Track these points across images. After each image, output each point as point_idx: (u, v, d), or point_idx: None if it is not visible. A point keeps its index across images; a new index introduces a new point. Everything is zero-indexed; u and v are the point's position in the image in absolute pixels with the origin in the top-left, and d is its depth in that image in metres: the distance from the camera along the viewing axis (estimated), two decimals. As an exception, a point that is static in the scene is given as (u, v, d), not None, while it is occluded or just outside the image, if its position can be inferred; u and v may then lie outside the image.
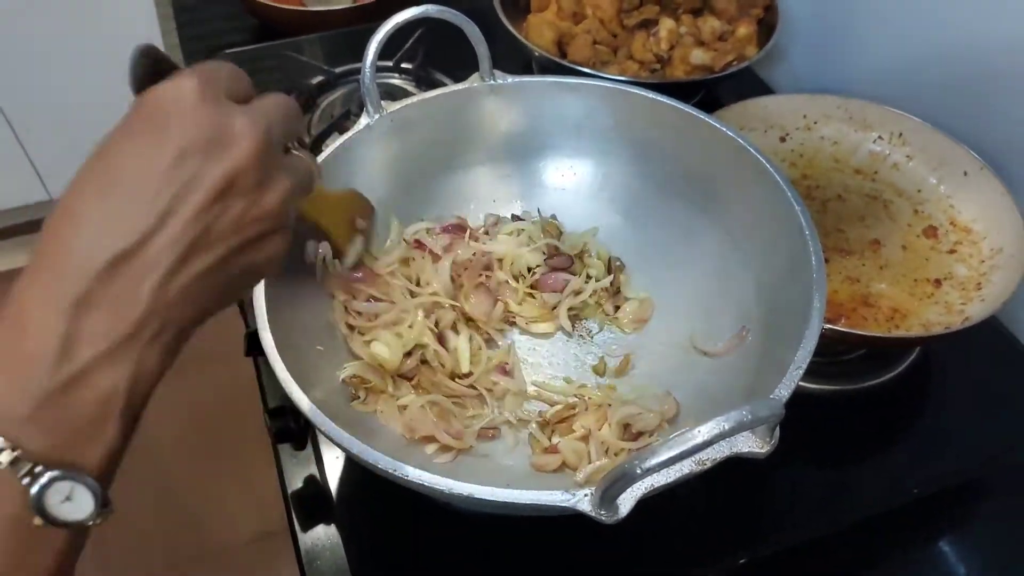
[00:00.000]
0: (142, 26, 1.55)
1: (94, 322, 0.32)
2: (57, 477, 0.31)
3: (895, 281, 0.76)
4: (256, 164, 0.34)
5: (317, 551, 0.63)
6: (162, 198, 0.33)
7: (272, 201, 0.36)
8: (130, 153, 0.34)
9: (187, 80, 0.34)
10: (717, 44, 0.94)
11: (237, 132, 0.34)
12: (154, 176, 0.33)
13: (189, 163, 0.33)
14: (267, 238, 0.37)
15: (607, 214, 0.75)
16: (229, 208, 0.34)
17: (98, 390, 0.32)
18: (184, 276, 0.34)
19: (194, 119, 0.33)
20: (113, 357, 0.32)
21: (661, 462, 0.39)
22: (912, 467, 0.69)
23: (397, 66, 1.03)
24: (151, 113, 0.34)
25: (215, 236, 0.34)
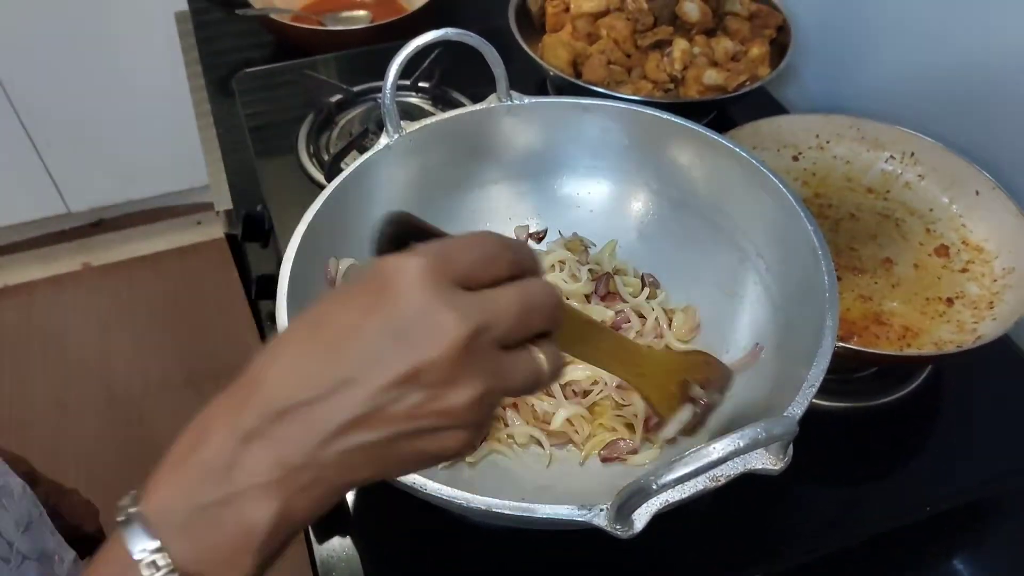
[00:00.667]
0: (164, 43, 1.58)
1: (257, 457, 0.33)
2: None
3: (907, 300, 0.77)
4: (445, 365, 0.33)
5: (333, 563, 0.63)
6: (347, 367, 0.33)
7: (456, 402, 0.34)
8: (341, 313, 0.35)
9: (416, 258, 0.34)
10: (730, 64, 0.95)
11: (439, 325, 0.33)
12: (348, 345, 0.33)
13: (385, 342, 0.33)
14: (443, 433, 0.35)
15: (622, 231, 0.76)
16: (405, 397, 0.33)
17: (245, 519, 0.33)
18: (343, 444, 0.34)
19: (405, 300, 0.33)
20: (264, 492, 0.33)
21: (676, 478, 0.39)
22: (924, 485, 0.69)
23: (415, 85, 1.04)
24: (373, 282, 0.34)
25: (384, 418, 0.34)
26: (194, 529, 0.33)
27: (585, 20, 0.99)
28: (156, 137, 1.94)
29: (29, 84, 1.79)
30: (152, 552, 0.32)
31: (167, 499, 0.34)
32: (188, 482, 0.34)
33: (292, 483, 0.34)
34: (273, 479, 0.33)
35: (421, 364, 0.33)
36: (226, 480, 0.33)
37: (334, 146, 0.97)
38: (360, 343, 0.33)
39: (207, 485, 0.33)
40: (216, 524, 0.33)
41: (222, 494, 0.33)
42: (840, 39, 0.99)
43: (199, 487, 0.33)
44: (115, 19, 1.75)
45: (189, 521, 0.33)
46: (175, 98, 1.60)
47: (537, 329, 0.37)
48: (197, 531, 0.33)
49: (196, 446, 0.34)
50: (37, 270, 2.12)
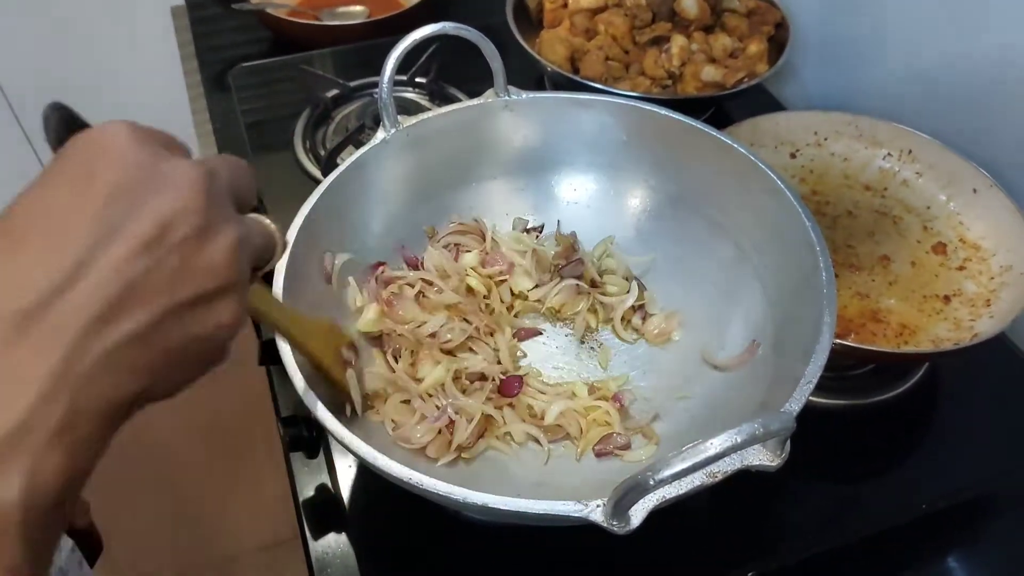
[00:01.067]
0: (160, 39, 1.57)
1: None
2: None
3: (904, 297, 0.76)
4: (193, 208, 0.28)
5: (328, 559, 0.63)
6: (78, 248, 0.26)
7: (217, 252, 0.29)
8: (49, 199, 0.28)
9: (119, 124, 0.30)
10: (728, 61, 0.95)
11: (173, 173, 0.29)
12: (71, 225, 0.27)
13: (113, 208, 0.27)
14: (214, 301, 0.30)
15: (619, 227, 0.75)
16: (161, 260, 0.28)
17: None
18: (102, 343, 0.26)
19: (125, 159, 0.28)
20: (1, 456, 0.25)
21: (673, 474, 0.39)
22: (921, 482, 0.69)
23: (411, 80, 1.04)
24: (75, 157, 0.29)
25: (143, 293, 0.27)
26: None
27: (583, 16, 0.98)
28: (152, 133, 1.94)
29: (25, 81, 1.78)
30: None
31: None
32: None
33: (36, 428, 0.25)
34: (5, 435, 0.25)
35: (168, 215, 0.28)
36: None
37: (330, 141, 0.97)
38: (83, 219, 0.27)
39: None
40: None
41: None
42: (838, 37, 0.99)
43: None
44: (111, 15, 1.75)
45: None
46: (171, 93, 1.60)
47: (248, 198, 0.34)
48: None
49: None
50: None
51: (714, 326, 0.68)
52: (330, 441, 0.69)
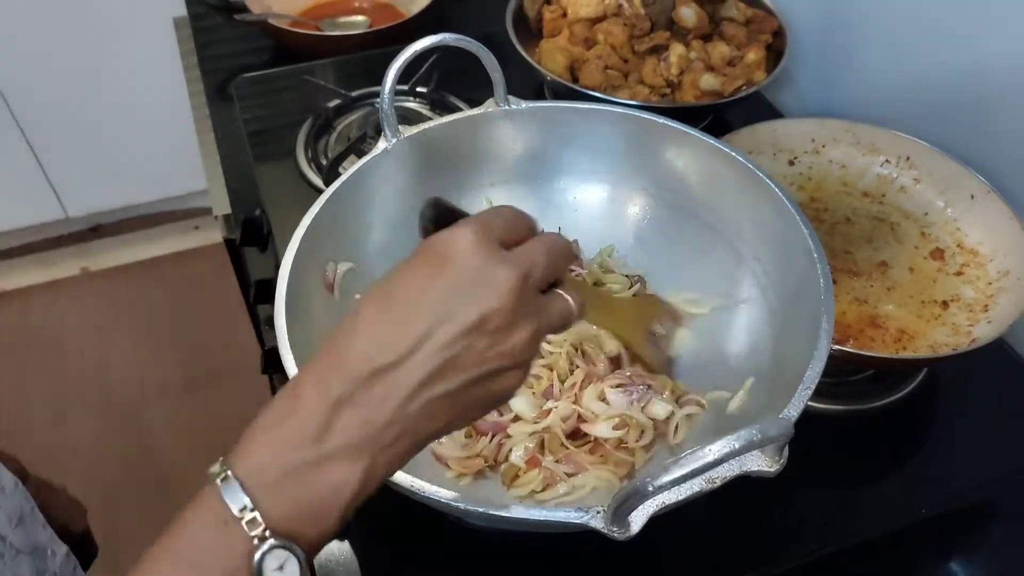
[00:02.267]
0: (162, 49, 1.58)
1: (347, 419, 0.37)
2: (279, 546, 0.35)
3: (902, 303, 0.77)
4: (507, 309, 0.38)
5: (331, 567, 0.63)
6: (421, 327, 0.37)
7: (516, 342, 0.39)
8: (408, 284, 0.39)
9: (466, 229, 0.39)
10: (726, 69, 0.96)
11: (497, 279, 0.38)
12: (420, 307, 0.38)
13: (452, 301, 0.38)
14: (506, 372, 0.40)
15: (619, 234, 0.76)
16: (476, 344, 0.38)
17: (334, 477, 0.37)
18: (424, 397, 0.38)
19: (464, 264, 0.38)
20: (354, 452, 0.37)
21: (672, 480, 0.40)
22: (921, 487, 0.70)
23: (412, 90, 1.05)
24: (431, 255, 0.39)
25: (459, 366, 0.38)
26: (287, 489, 0.36)
27: (582, 25, 0.99)
28: (154, 142, 1.95)
29: (28, 90, 1.79)
30: (249, 510, 0.35)
31: (261, 462, 0.37)
32: (281, 446, 0.37)
33: (378, 441, 0.37)
34: (361, 439, 0.37)
35: (487, 312, 0.38)
36: (318, 443, 0.37)
37: (332, 151, 0.98)
38: (429, 305, 0.38)
39: (300, 449, 0.37)
40: (308, 484, 0.36)
41: (314, 456, 0.36)
42: (836, 44, 0.99)
43: (292, 450, 0.37)
44: (114, 25, 1.76)
45: (282, 481, 0.36)
46: (174, 103, 1.61)
47: (562, 271, 0.43)
48: (289, 491, 0.36)
49: (288, 413, 0.38)
50: (36, 275, 2.12)
51: (714, 332, 0.69)
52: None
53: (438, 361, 0.38)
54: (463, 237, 0.39)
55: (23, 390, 1.87)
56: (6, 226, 2.05)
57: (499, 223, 0.41)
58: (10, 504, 0.60)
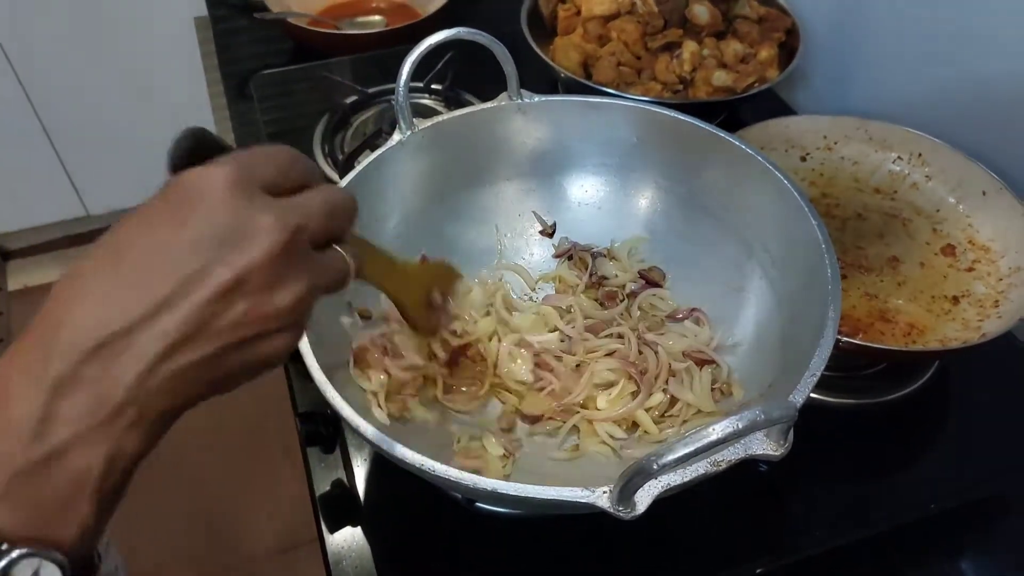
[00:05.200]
0: (183, 48, 1.60)
1: (72, 403, 0.31)
2: (25, 555, 0.30)
3: (913, 298, 0.77)
4: (268, 266, 0.33)
5: (344, 553, 0.64)
6: (163, 288, 0.31)
7: (282, 302, 0.34)
8: (145, 232, 0.33)
9: (221, 168, 0.33)
10: (739, 66, 0.96)
11: (257, 229, 0.33)
12: (160, 264, 0.32)
13: (199, 256, 0.32)
14: (272, 336, 0.35)
15: (630, 228, 0.77)
16: (231, 307, 0.33)
17: (71, 471, 0.31)
18: (169, 367, 0.32)
19: (216, 210, 0.32)
20: (88, 439, 0.31)
21: (677, 458, 0.40)
22: (931, 481, 0.70)
23: (427, 87, 1.06)
24: (175, 197, 0.33)
25: (210, 332, 0.33)
26: (15, 495, 0.31)
27: (596, 23, 1.00)
28: (174, 141, 1.97)
29: (50, 89, 1.82)
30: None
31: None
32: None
33: (117, 422, 0.32)
34: (94, 424, 0.31)
35: (244, 271, 0.32)
36: (40, 438, 0.31)
37: (348, 146, 0.99)
38: (173, 259, 0.32)
39: (17, 452, 0.31)
40: (39, 484, 0.31)
41: (40, 454, 0.31)
42: (849, 43, 0.99)
43: (9, 452, 0.31)
44: (135, 24, 1.78)
45: (8, 489, 0.31)
46: (194, 101, 1.63)
47: (340, 230, 0.38)
48: (19, 497, 0.31)
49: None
50: (56, 272, 2.14)
51: (723, 323, 0.69)
52: (346, 437, 0.71)
53: (184, 329, 0.32)
54: (217, 176, 0.33)
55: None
56: (28, 223, 2.08)
57: (268, 166, 0.35)
58: None
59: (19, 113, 1.82)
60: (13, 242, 2.16)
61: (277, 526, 1.59)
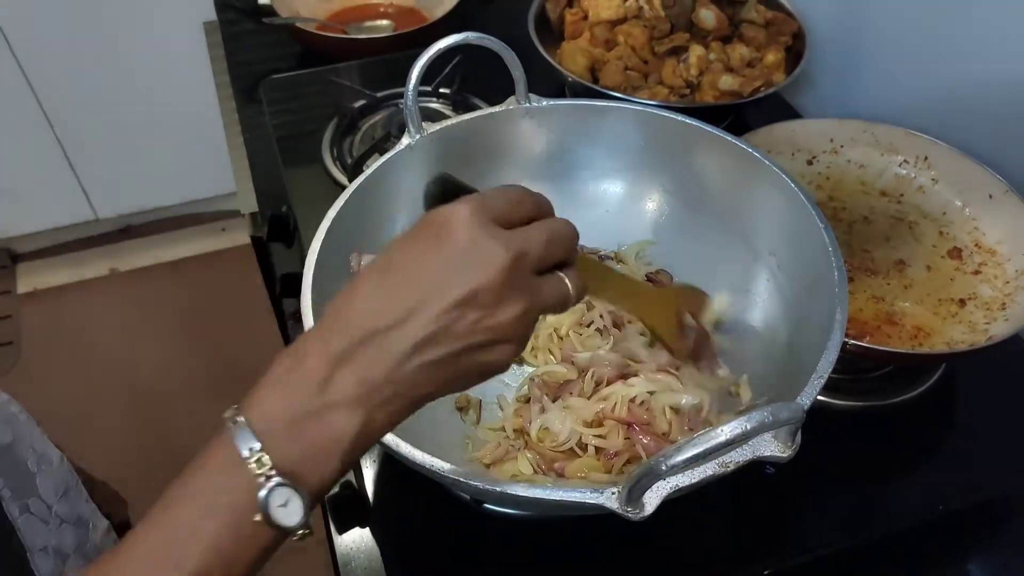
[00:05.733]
0: (192, 53, 1.61)
1: (346, 375, 0.40)
2: (283, 483, 0.38)
3: (919, 300, 0.77)
4: (495, 286, 0.40)
5: (352, 554, 0.65)
6: (415, 296, 0.40)
7: (504, 318, 0.41)
8: (406, 254, 0.41)
9: (463, 205, 0.41)
10: (746, 70, 0.97)
11: (487, 257, 0.40)
12: (415, 277, 0.40)
13: (444, 273, 0.40)
14: (496, 346, 0.42)
15: (637, 230, 0.77)
16: (465, 316, 0.40)
17: (335, 427, 0.39)
18: (416, 361, 0.40)
19: (458, 238, 0.40)
20: (352, 406, 0.40)
21: (685, 459, 0.41)
22: (938, 483, 0.70)
23: (436, 91, 1.07)
24: (429, 228, 0.41)
25: (449, 335, 0.40)
26: (293, 435, 0.39)
27: (603, 27, 1.01)
28: (183, 145, 1.98)
29: (61, 94, 1.83)
30: (257, 452, 0.38)
31: (269, 410, 0.39)
32: (288, 396, 0.40)
33: (374, 398, 0.40)
34: (359, 395, 0.40)
35: (477, 287, 0.40)
36: (320, 394, 0.39)
37: (357, 150, 1.00)
38: (424, 276, 0.40)
39: (305, 398, 0.39)
40: (311, 431, 0.39)
41: (317, 406, 0.39)
42: (854, 46, 1.00)
43: (298, 400, 0.39)
44: (146, 30, 1.79)
45: (289, 428, 0.39)
46: (203, 106, 1.64)
47: (561, 257, 0.44)
48: (295, 436, 0.39)
49: (293, 368, 0.40)
50: (65, 275, 2.16)
51: (731, 326, 0.69)
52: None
53: (429, 330, 0.40)
54: (459, 212, 0.40)
55: (51, 387, 1.91)
56: (38, 227, 2.09)
57: (500, 201, 0.42)
58: (57, 476, 0.63)
59: (30, 117, 1.83)
60: (23, 245, 2.17)
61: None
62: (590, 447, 0.65)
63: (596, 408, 0.66)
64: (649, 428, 0.65)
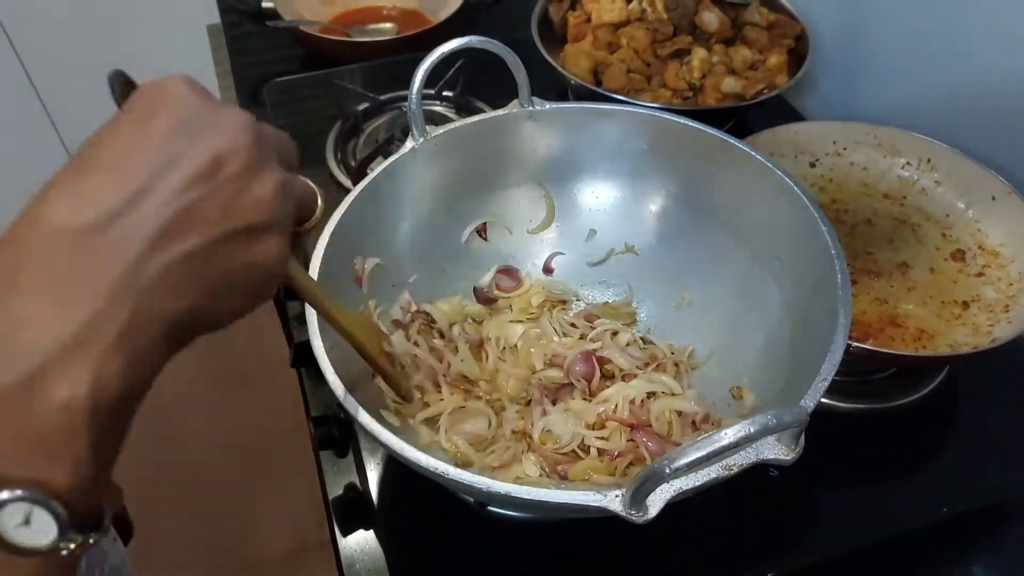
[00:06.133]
0: (196, 56, 1.62)
1: (40, 311, 0.27)
2: (11, 498, 0.26)
3: (923, 303, 0.77)
4: (242, 149, 0.32)
5: (356, 556, 0.65)
6: (139, 176, 0.30)
7: (263, 190, 0.33)
8: (114, 135, 0.31)
9: (178, 75, 0.33)
10: (748, 73, 0.97)
11: (227, 117, 0.33)
12: (134, 157, 0.30)
13: (173, 142, 0.31)
14: (262, 234, 0.33)
15: (639, 233, 0.77)
16: (215, 190, 0.31)
17: (53, 397, 0.27)
18: (161, 258, 0.29)
19: (184, 104, 0.32)
20: (68, 355, 0.27)
21: (689, 462, 0.41)
22: (942, 486, 0.70)
23: (439, 94, 1.07)
24: (139, 102, 0.32)
25: (197, 219, 0.30)
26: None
27: (606, 30, 1.01)
28: (187, 148, 1.99)
29: (65, 96, 1.84)
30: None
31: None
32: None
33: (102, 330, 0.28)
34: (74, 334, 0.27)
35: (220, 152, 0.32)
36: (14, 358, 0.27)
37: (360, 152, 1.00)
38: (145, 152, 0.31)
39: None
40: (19, 415, 0.27)
41: (17, 376, 0.27)
42: (857, 49, 1.00)
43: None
44: (149, 32, 1.80)
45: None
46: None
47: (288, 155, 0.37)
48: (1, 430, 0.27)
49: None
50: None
51: (733, 329, 0.70)
52: (359, 440, 0.71)
53: (167, 213, 0.30)
54: (176, 80, 0.33)
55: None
56: (42, 229, 2.10)
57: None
58: None
59: (34, 120, 1.84)
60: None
61: (289, 529, 1.60)
62: (593, 449, 0.65)
63: (598, 410, 0.67)
64: (651, 429, 0.65)
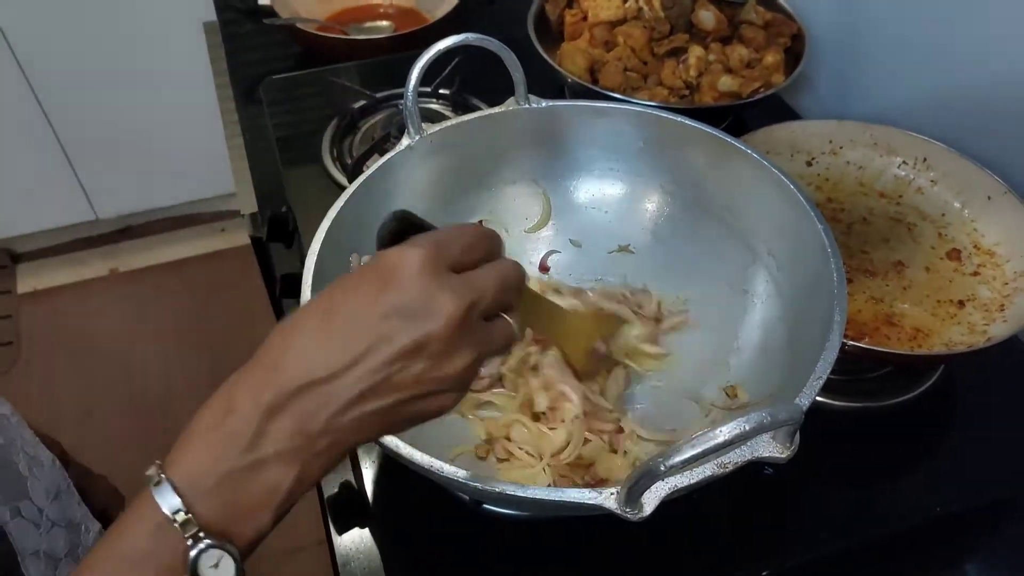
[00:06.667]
0: (192, 54, 1.62)
1: (280, 428, 0.38)
2: (214, 545, 0.36)
3: (918, 302, 0.77)
4: (445, 337, 0.39)
5: (352, 555, 0.65)
6: (360, 345, 0.38)
7: (453, 369, 0.40)
8: (350, 300, 0.39)
9: (415, 249, 0.39)
10: (745, 71, 0.97)
11: (439, 306, 0.38)
12: (360, 325, 0.38)
13: (391, 322, 0.38)
14: (440, 395, 0.41)
15: (636, 231, 0.77)
16: (411, 367, 0.39)
17: (267, 481, 0.38)
18: (356, 412, 0.39)
19: (408, 286, 0.38)
20: (286, 458, 0.38)
21: (684, 460, 0.41)
22: (936, 485, 0.70)
23: (435, 92, 1.07)
24: (378, 271, 0.39)
25: (392, 386, 0.39)
26: (220, 492, 0.37)
27: (602, 28, 1.01)
28: (183, 146, 1.99)
29: (61, 95, 1.83)
30: (182, 512, 0.36)
31: (195, 467, 0.38)
32: (216, 450, 0.38)
33: (310, 449, 0.39)
34: (294, 446, 0.38)
35: (424, 338, 0.38)
36: (252, 448, 0.38)
37: (356, 150, 1.00)
38: (369, 324, 0.38)
39: (234, 453, 0.38)
40: (241, 487, 0.38)
41: (249, 461, 0.38)
42: (854, 48, 1.00)
43: (227, 455, 0.38)
44: (145, 30, 1.80)
45: (217, 485, 0.37)
46: (203, 107, 1.64)
47: (509, 302, 0.43)
48: (223, 494, 0.37)
49: (222, 419, 0.38)
50: (65, 275, 2.16)
51: (729, 327, 0.70)
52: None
53: (373, 380, 0.38)
54: (412, 257, 0.39)
55: (51, 388, 1.91)
56: (38, 227, 2.10)
57: (454, 245, 0.41)
58: (48, 478, 0.62)
59: (31, 118, 1.84)
60: (23, 245, 2.17)
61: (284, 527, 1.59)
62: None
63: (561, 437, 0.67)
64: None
